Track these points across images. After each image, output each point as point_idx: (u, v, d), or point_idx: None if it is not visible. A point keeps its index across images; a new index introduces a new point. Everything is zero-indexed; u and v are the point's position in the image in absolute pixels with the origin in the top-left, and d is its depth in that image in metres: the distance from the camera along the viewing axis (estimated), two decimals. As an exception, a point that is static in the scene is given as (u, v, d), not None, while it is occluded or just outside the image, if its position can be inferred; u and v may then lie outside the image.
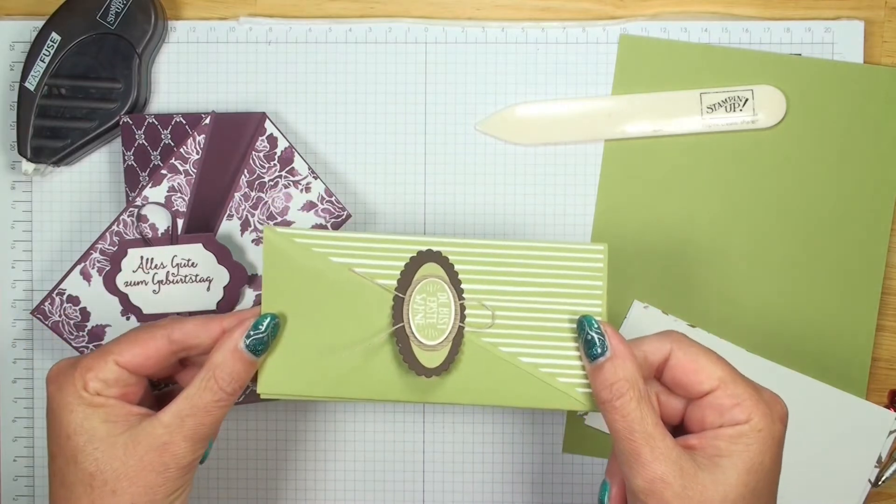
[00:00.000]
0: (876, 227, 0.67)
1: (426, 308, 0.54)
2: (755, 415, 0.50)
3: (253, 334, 0.53)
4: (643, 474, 0.49)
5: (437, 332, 0.54)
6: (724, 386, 0.51)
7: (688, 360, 0.52)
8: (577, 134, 0.68)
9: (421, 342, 0.54)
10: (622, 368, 0.51)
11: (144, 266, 0.65)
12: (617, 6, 0.69)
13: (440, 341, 0.54)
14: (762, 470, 0.50)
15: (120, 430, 0.52)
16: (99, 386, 0.53)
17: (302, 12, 0.70)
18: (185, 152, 0.65)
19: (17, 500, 0.70)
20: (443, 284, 0.54)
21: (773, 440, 0.51)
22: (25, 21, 0.69)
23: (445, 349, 0.54)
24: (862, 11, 0.68)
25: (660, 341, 0.53)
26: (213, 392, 0.52)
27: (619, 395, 0.50)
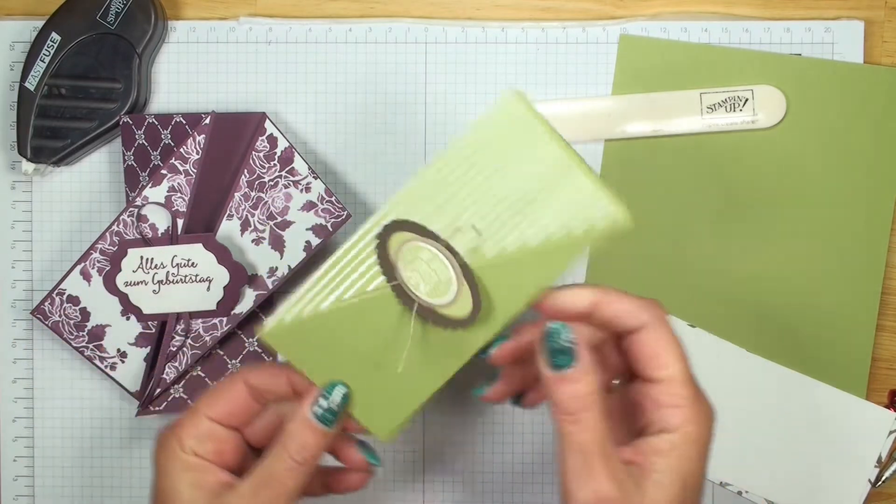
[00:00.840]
0: (876, 227, 0.67)
1: (421, 274, 0.52)
2: (688, 424, 0.50)
3: (322, 404, 0.53)
4: (591, 487, 0.48)
5: (445, 286, 0.51)
6: (672, 383, 0.50)
7: (655, 345, 0.51)
8: (577, 134, 0.68)
9: (441, 304, 0.52)
10: (592, 382, 0.49)
11: (144, 266, 0.65)
12: (617, 6, 0.69)
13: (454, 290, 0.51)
14: (693, 481, 0.50)
15: (203, 498, 0.52)
16: (193, 443, 0.53)
17: (302, 12, 0.70)
18: (185, 152, 0.65)
19: (17, 500, 0.70)
20: (416, 244, 0.52)
21: (700, 450, 0.50)
22: (25, 21, 0.69)
23: (465, 290, 0.51)
24: (862, 11, 0.68)
25: (638, 311, 0.51)
26: (283, 461, 0.52)
27: (586, 408, 0.49)
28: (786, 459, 0.67)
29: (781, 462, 0.67)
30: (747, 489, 0.67)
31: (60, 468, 0.70)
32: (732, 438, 0.67)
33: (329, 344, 0.54)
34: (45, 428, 0.70)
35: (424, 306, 0.52)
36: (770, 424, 0.67)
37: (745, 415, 0.67)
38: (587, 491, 0.48)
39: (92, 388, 0.70)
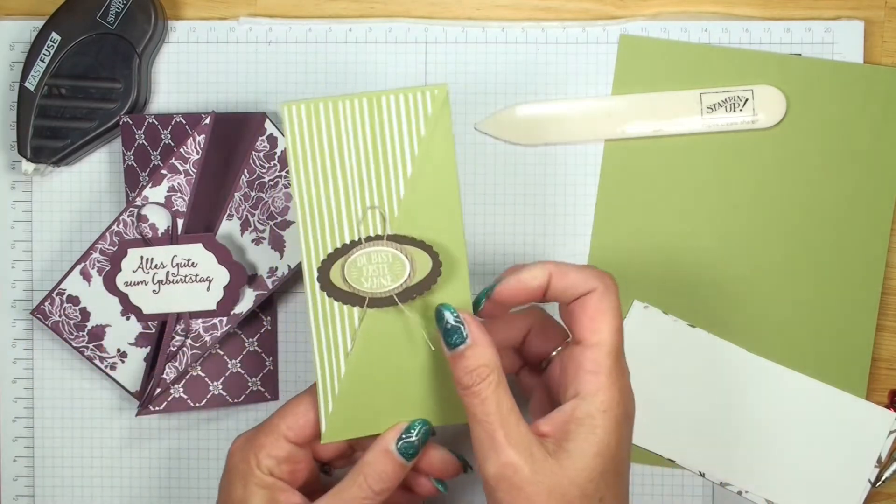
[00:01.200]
0: (876, 227, 0.67)
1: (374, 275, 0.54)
2: (603, 394, 0.51)
3: (405, 437, 0.54)
4: (495, 459, 0.50)
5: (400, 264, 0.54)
6: (598, 348, 0.52)
7: (595, 309, 0.52)
8: (577, 134, 0.68)
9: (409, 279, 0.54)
10: (483, 355, 0.51)
11: (144, 266, 0.65)
12: (617, 6, 0.69)
13: (407, 261, 0.54)
14: (608, 452, 0.50)
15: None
16: (271, 463, 0.55)
17: (302, 12, 0.70)
18: (185, 152, 0.65)
19: (17, 500, 0.70)
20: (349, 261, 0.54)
21: (617, 422, 0.51)
22: (25, 21, 0.69)
23: (412, 251, 0.54)
24: (862, 11, 0.68)
25: (592, 278, 0.53)
26: (361, 489, 0.53)
27: (479, 379, 0.51)
28: (786, 459, 0.67)
29: (781, 462, 0.67)
30: (747, 489, 0.67)
31: (60, 468, 0.70)
32: (732, 438, 0.67)
33: (373, 393, 0.56)
34: (45, 428, 0.70)
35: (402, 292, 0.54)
36: (770, 424, 0.67)
37: (745, 415, 0.67)
38: (493, 463, 0.50)
39: (92, 388, 0.70)
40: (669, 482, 0.68)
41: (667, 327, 0.68)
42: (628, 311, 0.68)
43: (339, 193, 0.54)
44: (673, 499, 0.68)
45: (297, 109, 0.53)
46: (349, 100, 0.53)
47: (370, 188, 0.54)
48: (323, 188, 0.54)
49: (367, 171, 0.54)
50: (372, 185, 0.54)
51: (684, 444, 0.68)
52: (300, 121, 0.53)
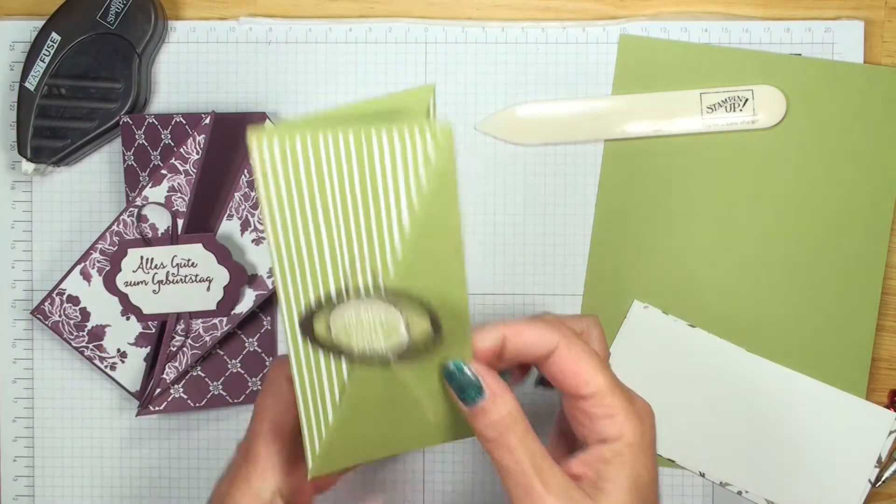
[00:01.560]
0: (876, 227, 0.67)
1: (365, 333, 0.47)
2: (626, 429, 0.50)
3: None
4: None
5: (393, 322, 0.46)
6: (599, 396, 0.50)
7: (571, 361, 0.51)
8: (577, 134, 0.68)
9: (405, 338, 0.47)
10: (504, 404, 0.49)
11: (144, 266, 0.65)
12: (617, 6, 0.69)
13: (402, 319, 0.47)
14: (642, 481, 0.50)
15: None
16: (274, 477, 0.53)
17: (302, 12, 0.70)
18: (185, 152, 0.65)
19: (17, 500, 0.70)
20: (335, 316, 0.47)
21: (645, 451, 0.50)
22: (25, 21, 0.69)
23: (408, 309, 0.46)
24: (862, 11, 0.68)
25: (548, 333, 0.51)
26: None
27: (505, 430, 0.49)
28: (786, 459, 0.67)
29: (781, 462, 0.67)
30: (747, 489, 0.67)
31: (60, 468, 0.70)
32: (732, 438, 0.67)
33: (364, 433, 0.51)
34: (45, 428, 0.70)
35: (400, 353, 0.48)
36: (770, 424, 0.67)
37: (745, 415, 0.67)
38: None
39: (92, 388, 0.70)
40: (669, 482, 0.68)
41: (667, 327, 0.68)
42: (628, 311, 0.68)
43: (322, 239, 0.45)
44: (673, 499, 0.68)
45: (268, 141, 0.43)
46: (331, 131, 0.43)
47: (358, 237, 0.45)
48: (302, 232, 0.45)
49: (354, 216, 0.45)
50: (361, 234, 0.45)
51: (684, 444, 0.68)
52: (271, 154, 0.43)
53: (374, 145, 0.43)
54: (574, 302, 0.69)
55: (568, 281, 0.69)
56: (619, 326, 0.68)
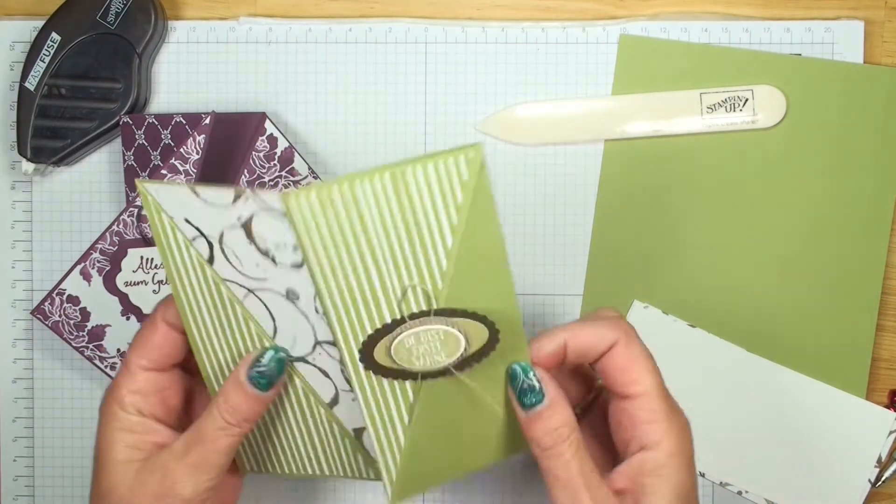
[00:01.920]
0: (876, 227, 0.67)
1: (426, 353, 0.49)
2: (667, 438, 0.50)
3: (256, 367, 0.51)
4: None
5: (453, 340, 0.49)
6: (646, 397, 0.51)
7: (625, 361, 0.51)
8: (577, 134, 0.68)
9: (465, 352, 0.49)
10: (561, 414, 0.50)
11: (144, 266, 0.65)
12: (617, 6, 0.69)
13: (460, 335, 0.49)
14: (683, 493, 0.50)
15: (138, 457, 0.52)
16: (136, 400, 0.53)
17: (302, 12, 0.70)
18: (184, 152, 0.65)
19: (17, 500, 0.70)
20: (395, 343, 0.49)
21: (687, 460, 0.51)
22: (25, 21, 0.69)
23: (464, 324, 0.49)
24: (862, 11, 0.68)
25: (608, 331, 0.52)
26: (214, 419, 0.51)
27: (561, 440, 0.50)
28: (786, 459, 0.67)
29: (781, 462, 0.67)
30: (747, 489, 0.67)
31: (60, 468, 0.70)
32: (732, 438, 0.67)
33: (438, 453, 0.53)
34: (45, 428, 0.70)
35: (458, 363, 0.50)
36: (770, 424, 0.67)
37: (745, 415, 0.67)
38: None
39: (92, 388, 0.70)
40: (669, 482, 0.68)
41: (667, 327, 0.68)
42: (628, 312, 0.68)
43: (372, 277, 0.47)
44: (673, 499, 0.68)
45: (305, 199, 0.44)
46: (368, 178, 0.44)
47: (406, 266, 0.47)
48: (352, 276, 0.46)
49: (400, 249, 0.46)
50: (409, 263, 0.47)
51: (684, 444, 0.68)
52: (311, 210, 0.44)
53: (410, 179, 0.45)
54: (574, 302, 0.69)
55: (568, 281, 0.69)
56: (619, 326, 0.68)
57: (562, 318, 0.69)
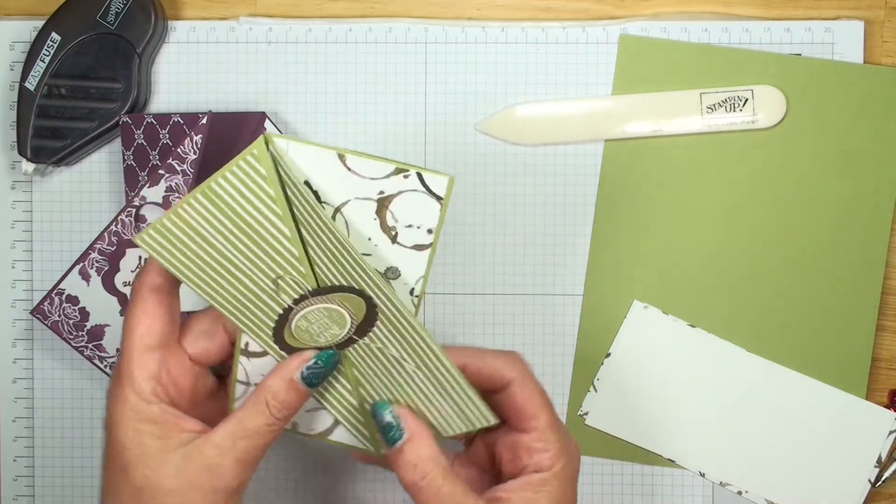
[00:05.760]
0: (876, 227, 0.67)
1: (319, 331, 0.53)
2: (559, 462, 0.54)
3: (312, 366, 0.53)
4: None
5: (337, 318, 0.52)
6: (542, 431, 0.54)
7: (523, 399, 0.54)
8: (577, 134, 0.68)
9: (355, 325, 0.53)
10: (423, 447, 0.52)
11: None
12: (617, 6, 0.69)
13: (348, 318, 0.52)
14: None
15: (174, 446, 0.51)
16: (151, 385, 0.52)
17: (302, 12, 0.70)
18: (182, 152, 0.65)
19: (17, 500, 0.70)
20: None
21: (571, 479, 0.54)
22: (25, 21, 0.69)
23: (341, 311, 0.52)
24: (862, 11, 0.68)
25: (502, 369, 0.55)
26: (265, 417, 0.52)
27: (425, 474, 0.51)
28: (786, 459, 0.67)
29: (781, 462, 0.67)
30: (747, 489, 0.67)
31: (60, 468, 0.70)
32: (732, 439, 0.67)
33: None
34: (45, 428, 0.70)
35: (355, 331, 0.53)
36: (770, 424, 0.67)
37: (745, 415, 0.67)
38: None
39: (92, 388, 0.70)
40: (669, 482, 0.68)
41: (667, 327, 0.68)
42: (628, 311, 0.68)
43: (244, 282, 0.51)
44: (673, 499, 0.68)
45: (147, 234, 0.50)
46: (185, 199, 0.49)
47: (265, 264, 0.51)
48: (226, 286, 0.51)
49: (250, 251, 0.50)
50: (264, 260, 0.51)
51: (684, 444, 0.68)
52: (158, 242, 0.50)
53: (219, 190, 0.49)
54: (574, 302, 0.68)
55: (568, 281, 0.69)
56: (619, 326, 0.68)
57: (562, 317, 0.69)
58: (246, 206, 0.49)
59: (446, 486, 0.51)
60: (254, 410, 0.52)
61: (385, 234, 0.52)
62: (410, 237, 0.52)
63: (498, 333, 0.69)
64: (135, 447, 0.51)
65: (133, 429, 0.52)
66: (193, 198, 0.49)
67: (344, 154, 0.51)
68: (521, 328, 0.69)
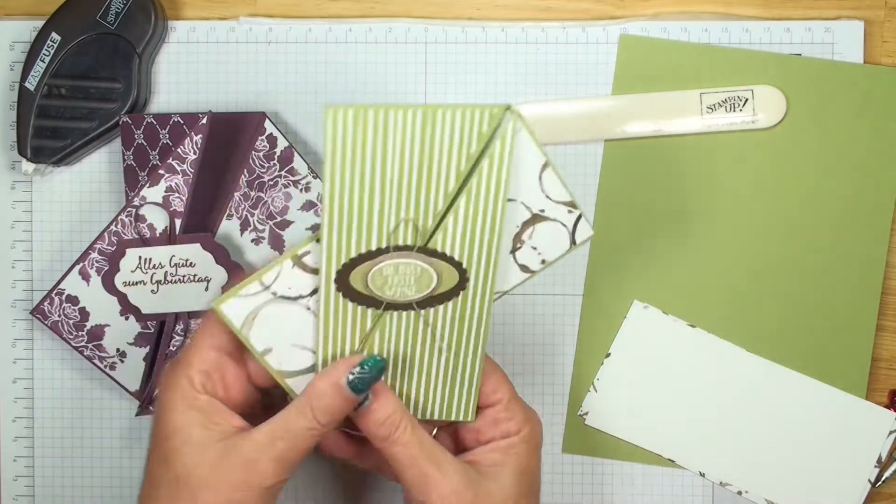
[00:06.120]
0: (876, 227, 0.67)
1: (399, 285, 0.53)
2: (524, 428, 0.56)
3: (358, 372, 0.52)
4: (436, 492, 0.52)
5: (427, 276, 0.53)
6: (506, 402, 0.57)
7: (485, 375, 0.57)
8: (577, 134, 0.68)
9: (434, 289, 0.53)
10: (388, 403, 0.53)
11: (143, 266, 0.65)
12: (617, 6, 0.69)
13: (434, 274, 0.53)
14: (530, 472, 0.56)
15: (216, 437, 0.52)
16: (202, 379, 0.53)
17: (302, 12, 0.70)
18: (182, 152, 0.65)
19: (17, 500, 0.70)
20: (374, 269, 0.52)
21: (535, 448, 0.57)
22: (25, 21, 0.69)
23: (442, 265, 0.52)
24: (862, 11, 0.68)
25: None
26: (307, 419, 0.52)
27: (394, 427, 0.53)
28: (786, 459, 0.67)
29: (781, 462, 0.67)
30: (747, 489, 0.67)
31: (60, 468, 0.70)
32: (732, 438, 0.67)
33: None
34: (45, 428, 0.70)
35: (423, 300, 0.53)
36: (770, 424, 0.67)
37: (745, 415, 0.67)
38: (436, 498, 0.52)
39: (92, 388, 0.70)
40: (669, 482, 0.68)
41: (667, 327, 0.68)
42: (628, 311, 0.68)
43: (374, 202, 0.50)
44: (673, 499, 0.68)
45: (343, 113, 0.48)
46: (402, 110, 0.48)
47: (408, 199, 0.50)
48: (358, 194, 0.50)
49: (408, 182, 0.50)
50: (411, 196, 0.50)
51: (684, 444, 0.68)
52: (344, 125, 0.48)
53: (438, 119, 0.49)
54: (574, 302, 0.68)
55: (568, 281, 0.69)
56: (619, 326, 0.68)
57: (562, 317, 0.68)
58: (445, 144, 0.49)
59: (415, 437, 0.53)
60: (297, 412, 0.52)
61: (514, 241, 0.54)
62: (526, 257, 0.55)
63: (498, 333, 0.69)
64: (179, 434, 0.52)
65: (181, 414, 0.52)
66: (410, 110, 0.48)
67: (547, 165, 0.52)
68: (521, 328, 0.69)
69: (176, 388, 0.53)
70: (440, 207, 0.51)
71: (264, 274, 0.52)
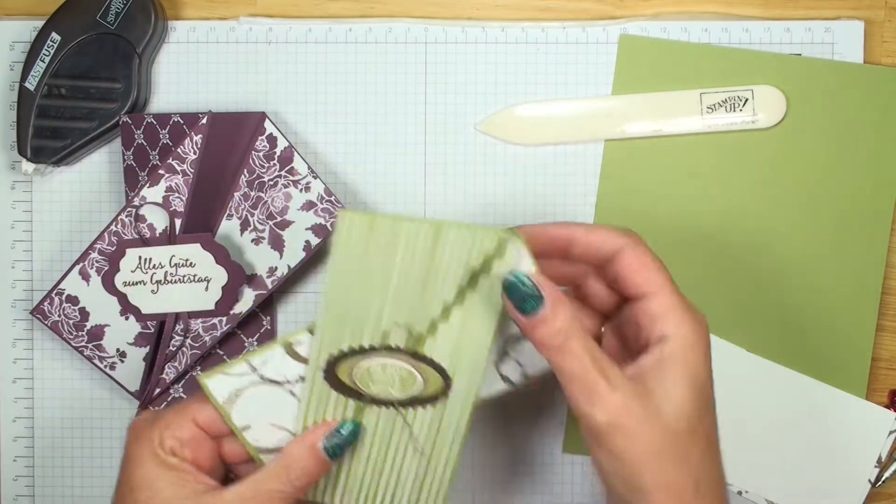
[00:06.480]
0: (876, 227, 0.67)
1: (384, 382, 0.53)
2: (682, 328, 0.51)
3: (335, 437, 0.52)
4: (605, 407, 0.49)
5: (410, 378, 0.53)
6: (659, 293, 0.52)
7: (636, 262, 0.52)
8: (577, 134, 0.68)
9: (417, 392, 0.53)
10: (563, 312, 0.50)
11: (143, 266, 0.65)
12: (617, 6, 0.69)
13: (419, 377, 0.53)
14: (700, 382, 0.51)
15: (185, 495, 0.51)
16: (174, 444, 0.52)
17: (302, 12, 0.70)
18: (182, 152, 0.65)
19: (17, 500, 0.70)
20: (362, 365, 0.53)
21: (703, 353, 0.51)
22: (25, 21, 0.69)
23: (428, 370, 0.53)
24: (862, 11, 0.68)
25: (615, 235, 0.53)
26: (281, 482, 0.51)
27: (567, 337, 0.49)
28: (786, 459, 0.67)
29: (781, 462, 0.67)
30: (747, 489, 0.67)
31: (60, 468, 0.70)
32: (732, 438, 0.67)
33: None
34: (45, 428, 0.70)
35: (405, 400, 0.53)
36: (770, 424, 0.67)
37: (745, 415, 0.67)
38: (604, 412, 0.49)
39: (92, 388, 0.70)
40: (669, 482, 0.68)
41: (667, 327, 0.68)
42: (628, 312, 0.68)
43: (372, 303, 0.51)
44: (673, 499, 0.68)
45: (358, 219, 0.50)
46: (415, 222, 0.50)
47: (405, 304, 0.51)
48: (357, 294, 0.51)
49: (410, 288, 0.51)
50: (408, 302, 0.51)
51: (684, 445, 0.68)
52: (357, 230, 0.50)
53: (446, 234, 0.49)
54: (574, 302, 0.68)
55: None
56: (619, 326, 0.68)
57: (561, 318, 0.68)
58: (449, 259, 0.50)
59: (587, 347, 0.49)
60: (271, 475, 0.52)
61: (500, 353, 0.54)
62: (510, 369, 0.54)
63: (498, 333, 0.69)
64: (147, 489, 0.51)
65: (151, 470, 0.52)
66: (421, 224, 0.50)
67: None
68: (521, 328, 0.69)
69: (145, 442, 0.52)
70: (436, 315, 0.51)
71: (254, 357, 0.53)
